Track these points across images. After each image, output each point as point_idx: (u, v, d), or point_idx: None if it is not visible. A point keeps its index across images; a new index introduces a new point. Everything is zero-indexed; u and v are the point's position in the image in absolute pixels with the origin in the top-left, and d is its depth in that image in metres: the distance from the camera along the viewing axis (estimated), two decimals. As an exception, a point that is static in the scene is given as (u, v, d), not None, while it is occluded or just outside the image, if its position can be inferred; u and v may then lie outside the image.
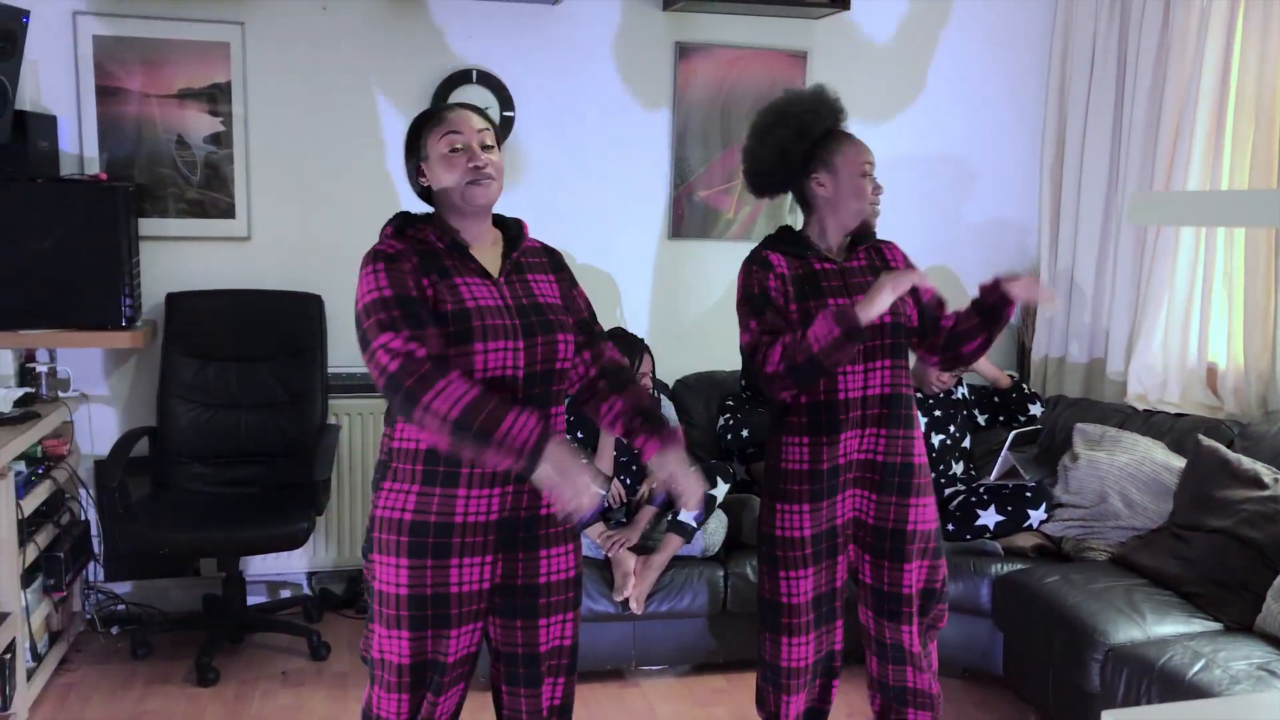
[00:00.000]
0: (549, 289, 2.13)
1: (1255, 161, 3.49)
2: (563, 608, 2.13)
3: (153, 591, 3.79)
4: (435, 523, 2.00)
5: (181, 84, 3.68)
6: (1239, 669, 2.55)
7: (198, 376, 3.65)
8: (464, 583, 2.03)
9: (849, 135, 2.50)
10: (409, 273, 1.98)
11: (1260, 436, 3.29)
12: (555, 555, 2.11)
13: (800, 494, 2.45)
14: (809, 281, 2.43)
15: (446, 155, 2.04)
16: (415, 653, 2.04)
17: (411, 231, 2.06)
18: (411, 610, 2.02)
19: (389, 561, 2.03)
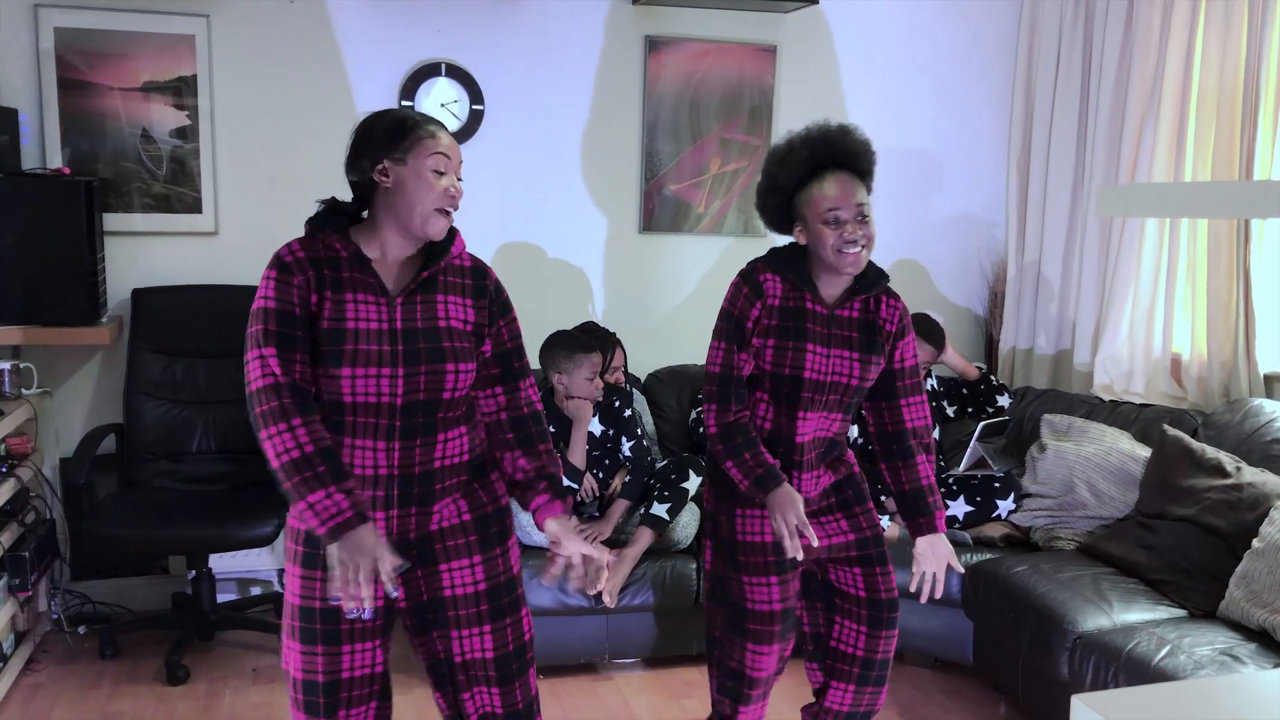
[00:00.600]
0: (456, 312, 2.03)
1: (1217, 155, 3.54)
2: (472, 621, 2.06)
3: (121, 590, 3.75)
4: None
5: (146, 77, 3.63)
6: (1203, 654, 2.60)
7: (165, 373, 3.62)
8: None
9: (822, 180, 2.32)
10: (296, 287, 1.94)
11: (1223, 426, 3.34)
12: (457, 569, 2.06)
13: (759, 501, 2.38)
14: (796, 319, 2.35)
15: (430, 175, 1.96)
16: (306, 667, 2.01)
17: (321, 237, 2.00)
18: (302, 622, 2.00)
19: (290, 570, 2.03)
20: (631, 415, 3.53)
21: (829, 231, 2.29)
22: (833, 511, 2.46)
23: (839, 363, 2.36)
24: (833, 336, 2.36)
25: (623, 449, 3.51)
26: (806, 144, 2.33)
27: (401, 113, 2.04)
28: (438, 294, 2.02)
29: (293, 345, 1.92)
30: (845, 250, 2.29)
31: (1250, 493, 2.96)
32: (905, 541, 3.43)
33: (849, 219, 2.28)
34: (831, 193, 2.29)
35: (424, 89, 3.84)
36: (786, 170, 2.34)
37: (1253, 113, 3.37)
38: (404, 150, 1.97)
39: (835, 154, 2.33)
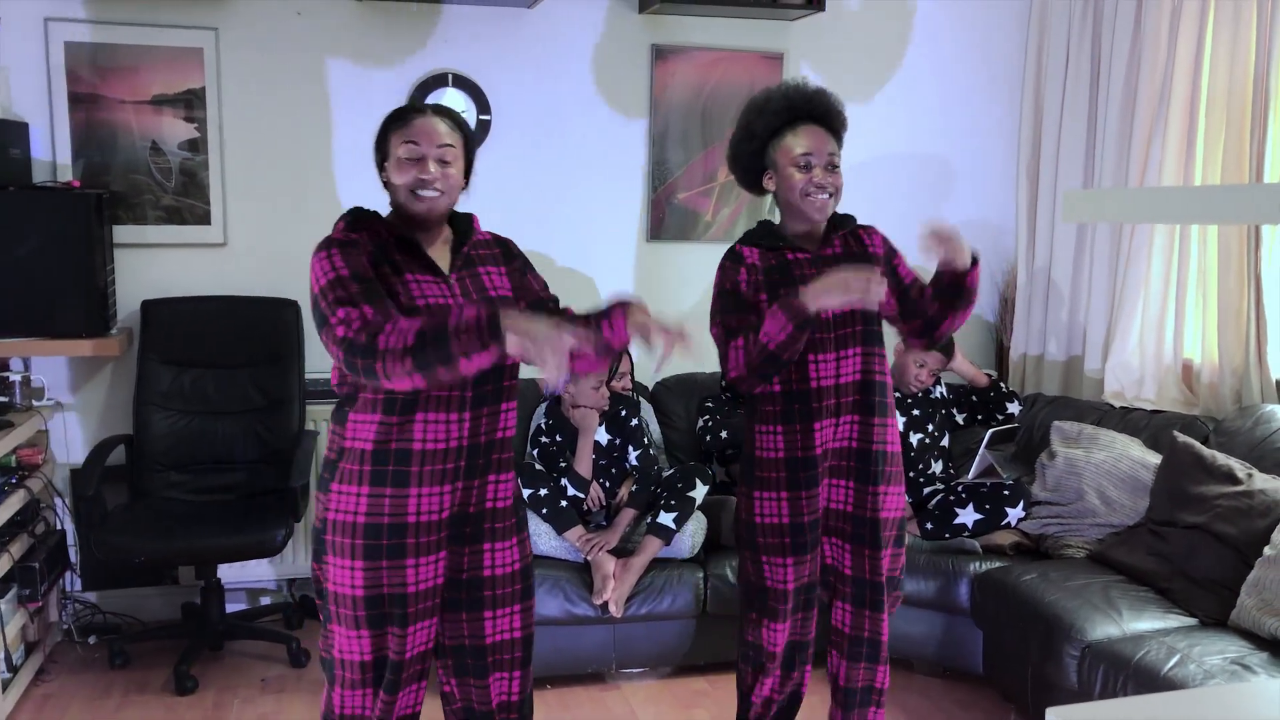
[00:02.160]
0: (500, 281, 2.16)
1: (1227, 159, 3.51)
2: (509, 600, 2.17)
3: (130, 600, 3.77)
4: (389, 524, 2.03)
5: (156, 90, 3.66)
6: (1213, 664, 2.57)
7: (174, 384, 3.63)
8: (420, 581, 2.06)
9: (795, 128, 2.43)
10: (365, 254, 2.01)
11: (1234, 432, 3.31)
12: (500, 549, 2.15)
13: (777, 481, 2.46)
14: (782, 271, 2.43)
15: (401, 160, 2.07)
16: (377, 648, 2.08)
17: (364, 224, 2.09)
18: (369, 610, 2.05)
19: (343, 564, 2.05)
20: (638, 424, 3.53)
21: (799, 175, 2.40)
22: (842, 475, 2.49)
23: None
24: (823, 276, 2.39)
25: (629, 458, 3.51)
26: (784, 96, 2.45)
27: (389, 115, 2.14)
28: (479, 267, 2.14)
29: (380, 298, 1.93)
30: (812, 193, 2.40)
31: (1261, 500, 2.93)
32: (915, 549, 3.41)
33: (819, 164, 2.40)
34: (805, 140, 2.42)
35: (432, 99, 3.85)
36: (764, 119, 2.45)
37: (1262, 115, 3.34)
38: (387, 143, 2.10)
39: (811, 108, 2.46)
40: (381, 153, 2.12)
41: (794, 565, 2.48)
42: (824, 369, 2.41)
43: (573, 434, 3.43)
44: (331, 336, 1.91)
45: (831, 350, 2.40)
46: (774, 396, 2.46)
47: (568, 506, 3.34)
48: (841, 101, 2.51)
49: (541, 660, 3.30)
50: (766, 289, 2.42)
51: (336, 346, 1.90)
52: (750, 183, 2.55)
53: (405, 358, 1.82)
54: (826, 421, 2.44)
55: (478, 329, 1.80)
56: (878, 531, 2.49)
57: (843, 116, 2.51)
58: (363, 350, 1.85)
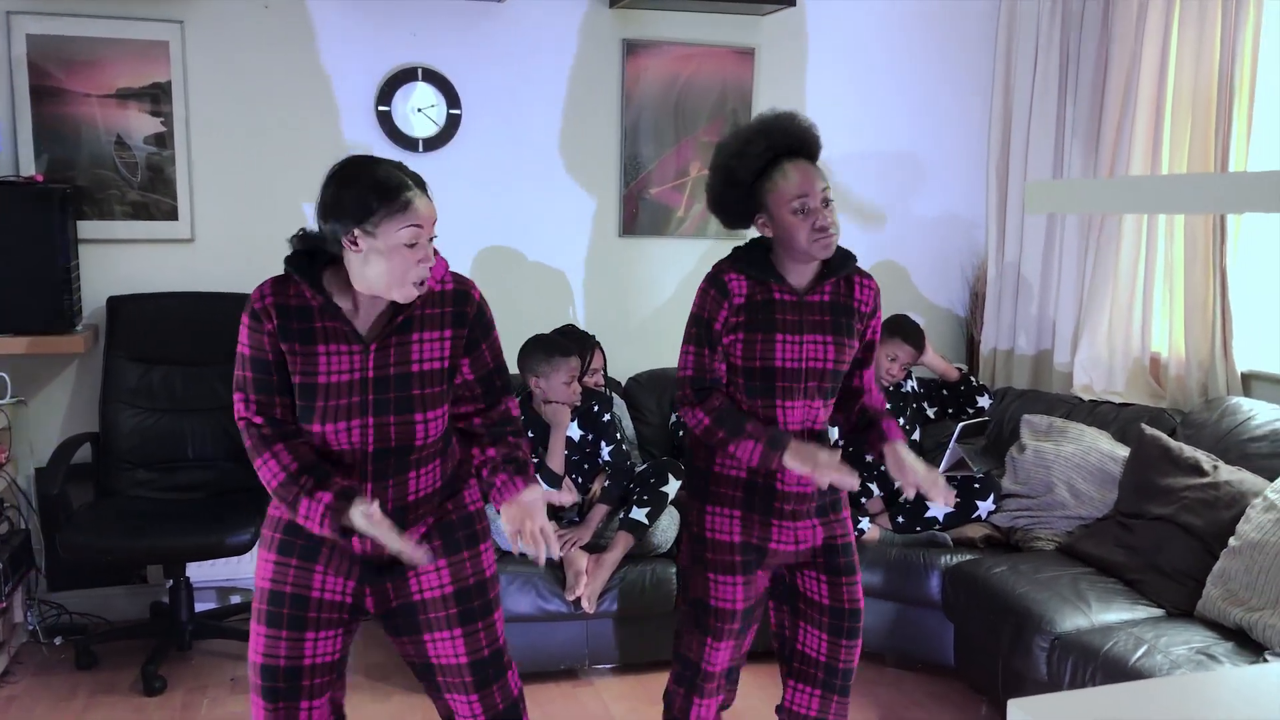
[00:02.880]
0: (432, 351, 2.01)
1: (1193, 155, 3.55)
2: (443, 625, 2.08)
3: (97, 600, 3.72)
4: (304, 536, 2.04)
5: (120, 84, 3.61)
6: (1179, 654, 2.60)
7: (142, 381, 3.59)
8: (326, 590, 2.05)
9: (784, 168, 2.30)
10: (267, 334, 1.96)
11: (1201, 425, 3.34)
12: (423, 575, 2.08)
13: (733, 499, 2.40)
14: (764, 311, 2.34)
15: (405, 248, 1.89)
16: (269, 651, 2.04)
17: (292, 284, 1.97)
18: (270, 605, 2.05)
19: (263, 556, 2.09)
20: (610, 419, 3.52)
21: (800, 221, 2.27)
22: (808, 516, 2.44)
23: (812, 348, 2.35)
24: (804, 323, 2.35)
25: (602, 453, 3.50)
26: (763, 134, 2.32)
27: (374, 177, 1.91)
28: (413, 333, 2.00)
29: (269, 389, 2.00)
30: (819, 239, 2.28)
31: (1227, 491, 2.96)
32: (886, 542, 3.43)
33: (817, 206, 2.28)
34: (797, 180, 2.28)
35: (401, 93, 3.83)
36: (745, 163, 2.32)
37: (1227, 111, 3.37)
38: (376, 224, 1.89)
39: (790, 142, 2.33)
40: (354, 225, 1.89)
41: (744, 585, 2.41)
42: (792, 415, 2.37)
43: (545, 430, 3.42)
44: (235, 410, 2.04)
45: (800, 399, 2.36)
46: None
47: (540, 502, 3.33)
48: (812, 123, 2.37)
49: (514, 657, 3.29)
50: (745, 329, 2.34)
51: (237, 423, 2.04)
52: (738, 225, 2.43)
53: (271, 490, 2.00)
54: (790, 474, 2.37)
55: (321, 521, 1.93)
56: (849, 557, 2.46)
57: (818, 139, 2.38)
58: (248, 453, 2.02)
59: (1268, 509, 2.80)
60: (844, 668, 2.47)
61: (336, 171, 1.95)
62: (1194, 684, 1.15)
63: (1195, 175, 0.65)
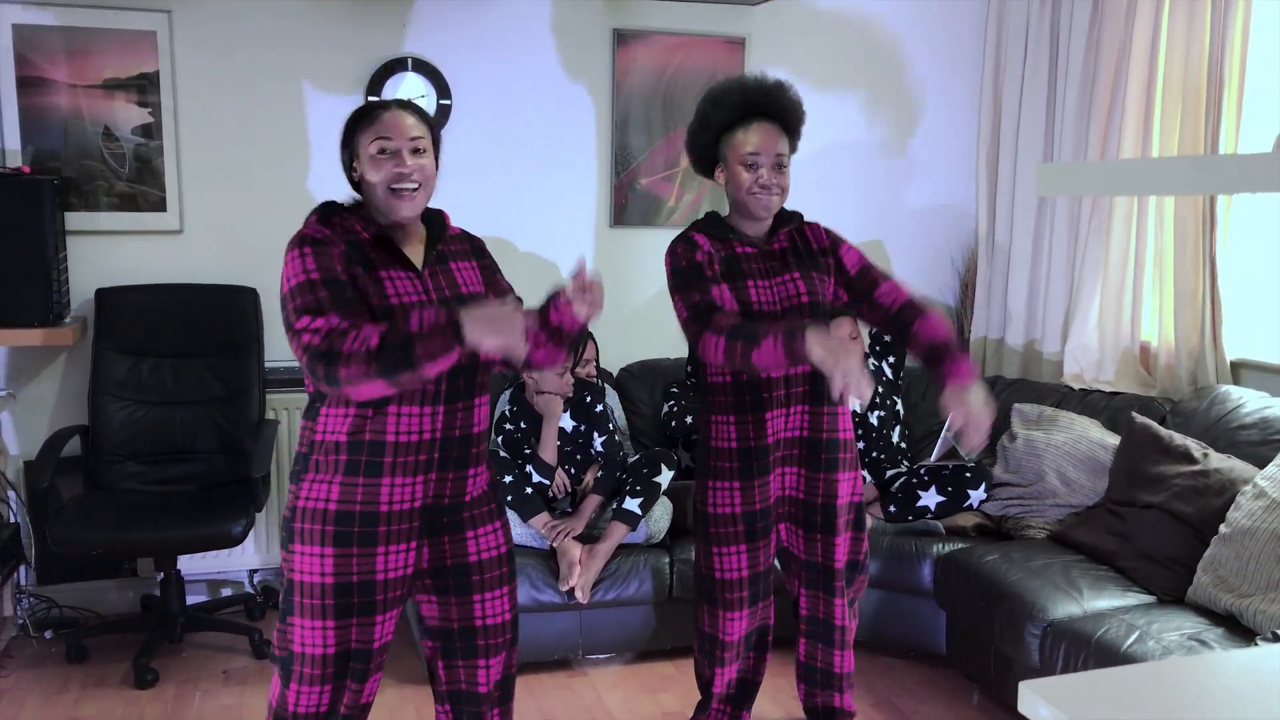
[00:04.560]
0: (472, 276, 2.15)
1: (1183, 143, 3.56)
2: (497, 583, 2.17)
3: (88, 594, 3.71)
4: (360, 511, 2.01)
5: (107, 74, 3.58)
6: (1171, 640, 2.61)
7: (131, 373, 3.57)
8: (390, 569, 2.05)
9: (748, 124, 2.42)
10: (336, 258, 1.98)
11: (1190, 413, 3.36)
12: (483, 534, 2.15)
13: (730, 471, 2.49)
14: (731, 263, 2.46)
15: (375, 157, 2.03)
16: (340, 641, 2.05)
17: (337, 220, 2.05)
18: (338, 599, 2.03)
19: (312, 551, 2.02)
20: (603, 410, 3.52)
21: (745, 174, 2.42)
22: (793, 464, 2.52)
23: (784, 287, 2.45)
24: (770, 268, 2.47)
25: (594, 444, 3.50)
26: (740, 90, 2.44)
27: (354, 111, 2.11)
28: (450, 263, 2.12)
29: (348, 306, 1.93)
30: (757, 193, 2.41)
31: (1217, 479, 2.98)
32: (879, 531, 3.44)
33: (766, 165, 2.40)
34: (755, 138, 2.41)
35: (390, 84, 3.81)
36: (718, 112, 2.45)
37: (1217, 100, 3.38)
38: (356, 141, 2.06)
39: (766, 104, 2.44)
40: (349, 152, 2.09)
41: (747, 553, 2.50)
42: None
43: (537, 421, 3.42)
44: (298, 341, 1.91)
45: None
46: (726, 387, 2.48)
47: (533, 493, 3.33)
48: (798, 95, 2.49)
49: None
50: (725, 278, 2.43)
51: (301, 351, 1.91)
52: (704, 171, 2.57)
53: (368, 364, 1.85)
54: (778, 411, 2.47)
55: (440, 331, 1.85)
56: (831, 518, 2.53)
57: (799, 111, 2.49)
58: (325, 358, 1.87)
59: (1257, 496, 2.82)
60: (824, 619, 2.59)
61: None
62: (1201, 666, 1.16)
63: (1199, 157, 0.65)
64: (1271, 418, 3.14)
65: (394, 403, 1.99)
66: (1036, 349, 4.17)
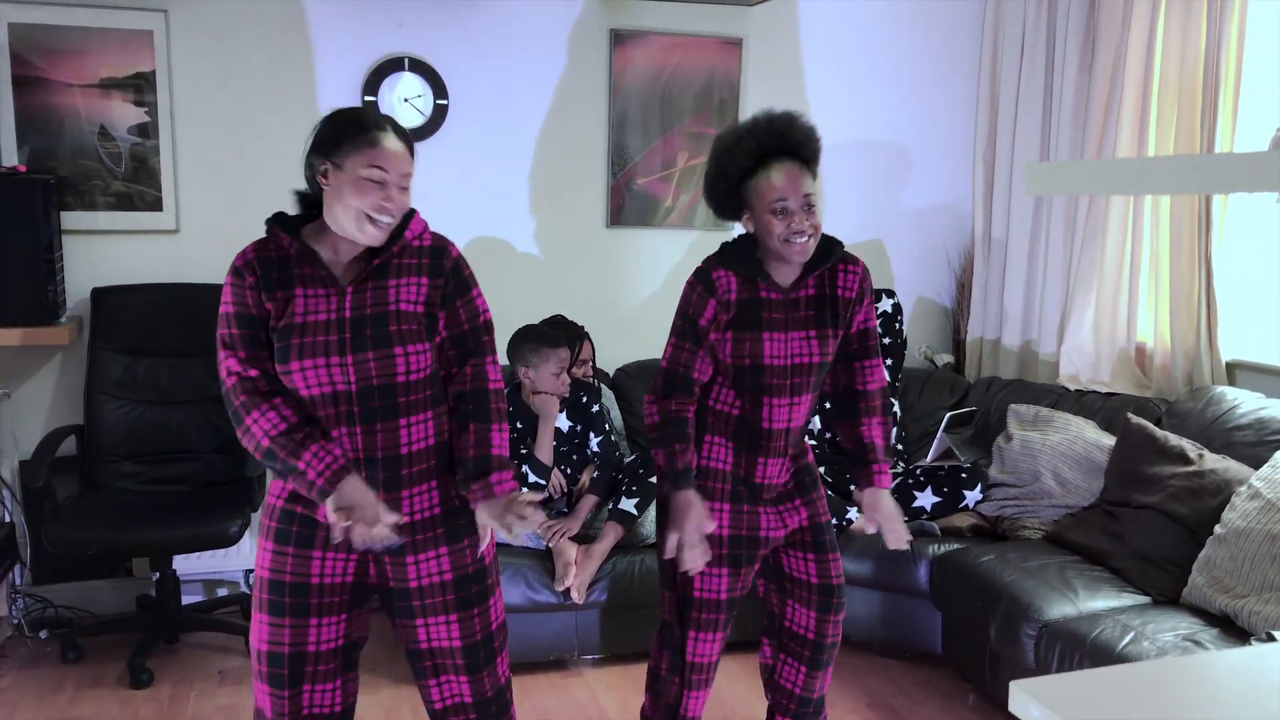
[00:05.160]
0: (408, 294, 2.04)
1: (1179, 143, 3.56)
2: (439, 610, 2.11)
3: (84, 594, 3.70)
4: (301, 514, 2.07)
5: (104, 73, 3.58)
6: (1165, 640, 2.61)
7: (127, 373, 3.57)
8: (325, 575, 2.07)
9: (769, 168, 2.31)
10: (249, 289, 2.00)
11: (1186, 414, 3.36)
12: (424, 560, 2.10)
13: (721, 492, 2.44)
14: (751, 309, 2.37)
15: (361, 181, 1.96)
16: (273, 639, 2.06)
17: (272, 238, 2.05)
18: (271, 595, 2.07)
19: (262, 545, 2.10)
20: (599, 410, 3.52)
21: (776, 221, 2.30)
22: (791, 498, 2.51)
23: (797, 344, 2.39)
24: (790, 320, 2.38)
25: (590, 444, 3.50)
26: (753, 134, 2.34)
27: (353, 114, 2.05)
28: (390, 279, 2.04)
29: (257, 344, 2.01)
30: (793, 240, 2.30)
31: (1212, 480, 2.98)
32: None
33: (796, 209, 2.29)
34: (779, 183, 2.30)
35: (387, 84, 3.81)
36: (735, 159, 2.36)
37: (1212, 101, 3.39)
38: (342, 155, 1.98)
39: (781, 143, 2.34)
40: (324, 158, 1.99)
41: (729, 577, 2.44)
42: (777, 413, 2.40)
43: (533, 421, 3.42)
44: (219, 374, 2.04)
45: (786, 396, 2.39)
46: (729, 417, 2.44)
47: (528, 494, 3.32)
48: (812, 124, 2.38)
49: (507, 640, 3.28)
50: (733, 328, 2.37)
51: (221, 386, 2.03)
52: (729, 216, 2.47)
53: (257, 451, 1.99)
54: (773, 460, 2.44)
55: (310, 483, 1.95)
56: (833, 533, 2.55)
57: (815, 142, 2.38)
58: (233, 413, 2.00)
59: (1252, 497, 2.82)
60: (830, 642, 2.55)
61: (324, 117, 2.06)
62: (1193, 666, 1.16)
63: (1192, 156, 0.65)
64: (1267, 418, 3.14)
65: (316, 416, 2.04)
66: (1032, 349, 4.17)
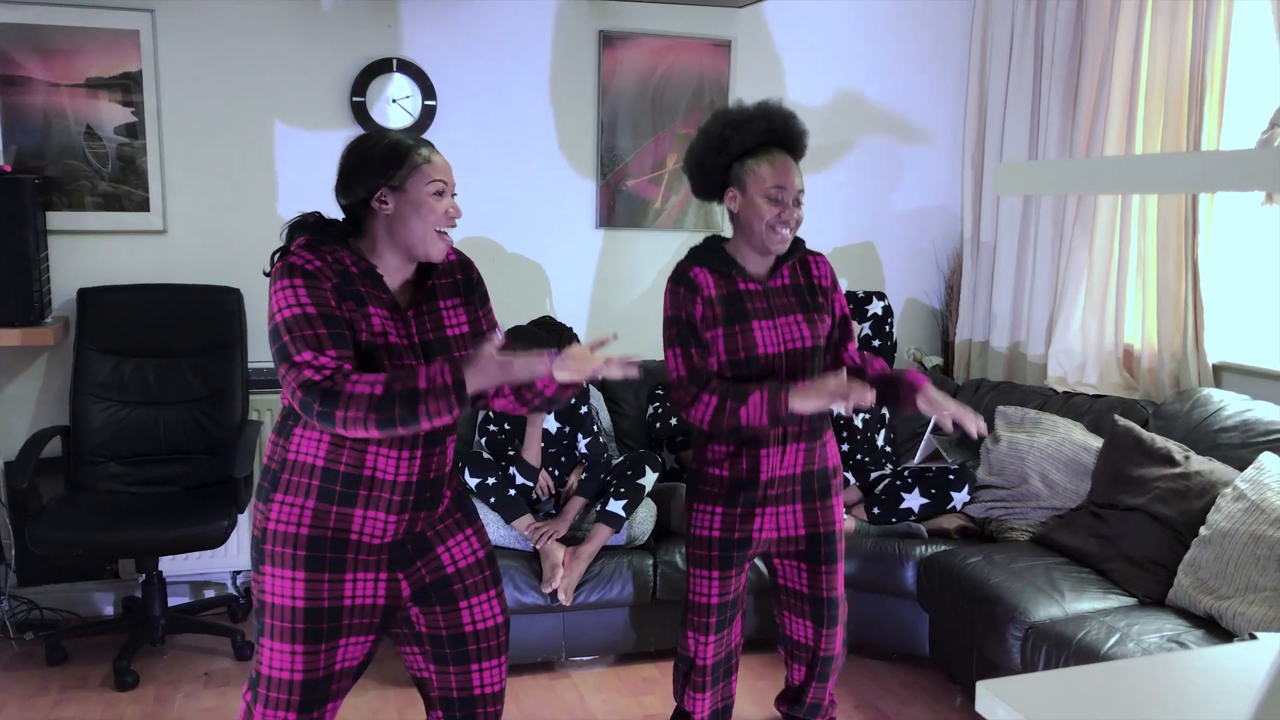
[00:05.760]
0: (458, 318, 2.10)
1: (1165, 143, 3.57)
2: (480, 588, 2.17)
3: (70, 595, 3.69)
4: (332, 538, 2.01)
5: (90, 73, 3.57)
6: (1150, 641, 2.62)
7: (113, 374, 3.56)
8: (357, 596, 2.04)
9: (771, 156, 2.38)
10: (330, 291, 1.94)
11: (1173, 415, 3.37)
12: (454, 545, 2.16)
13: (716, 496, 2.47)
14: (734, 303, 2.40)
15: (430, 200, 1.99)
16: (308, 667, 2.02)
17: (327, 251, 1.98)
18: (308, 623, 2.01)
19: (283, 575, 2.01)
20: (588, 412, 3.52)
21: (769, 207, 2.37)
22: (791, 501, 2.50)
23: (788, 329, 2.42)
24: (774, 307, 2.43)
25: (579, 446, 3.49)
26: (765, 117, 2.40)
27: (394, 138, 2.04)
28: (439, 301, 2.08)
29: (345, 343, 1.92)
30: (778, 229, 2.37)
31: (1198, 481, 2.99)
32: (862, 534, 3.44)
33: (788, 201, 2.37)
34: (781, 172, 2.37)
35: (376, 84, 3.80)
36: (740, 137, 2.39)
37: (1198, 103, 3.40)
38: (402, 178, 1.99)
39: (786, 135, 2.42)
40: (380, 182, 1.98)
41: (719, 580, 2.48)
42: None
43: (521, 422, 3.41)
44: (295, 376, 1.88)
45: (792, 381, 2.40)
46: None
47: (516, 495, 3.32)
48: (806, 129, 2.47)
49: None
50: (723, 323, 2.39)
51: (298, 387, 1.88)
52: (708, 192, 2.50)
53: (370, 409, 1.84)
54: (774, 449, 2.44)
55: (444, 392, 1.84)
56: (832, 545, 2.53)
57: (805, 146, 2.47)
58: (327, 396, 1.85)
59: (1237, 499, 2.82)
60: (824, 655, 2.58)
61: (354, 144, 2.05)
62: (1162, 665, 1.16)
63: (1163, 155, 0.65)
64: (1252, 420, 3.15)
65: (374, 442, 2.00)
66: (1021, 351, 4.18)
